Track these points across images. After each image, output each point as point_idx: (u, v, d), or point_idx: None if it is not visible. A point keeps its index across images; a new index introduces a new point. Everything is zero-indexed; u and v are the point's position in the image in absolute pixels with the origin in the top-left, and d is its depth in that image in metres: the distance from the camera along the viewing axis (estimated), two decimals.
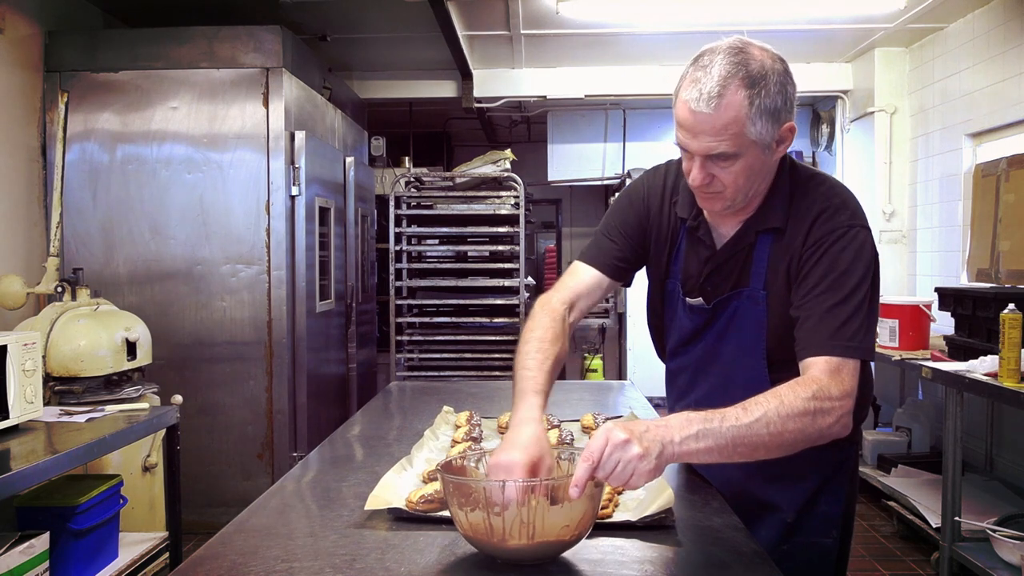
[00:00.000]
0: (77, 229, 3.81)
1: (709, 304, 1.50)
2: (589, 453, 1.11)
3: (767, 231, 1.44)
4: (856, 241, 1.37)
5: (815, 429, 1.23)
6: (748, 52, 1.30)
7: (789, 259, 1.41)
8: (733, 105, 1.27)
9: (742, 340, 1.48)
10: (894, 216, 5.17)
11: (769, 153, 1.35)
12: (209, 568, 1.14)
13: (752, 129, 1.29)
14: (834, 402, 1.24)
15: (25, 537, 2.26)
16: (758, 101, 1.28)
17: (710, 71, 1.28)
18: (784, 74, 1.32)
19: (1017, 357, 2.73)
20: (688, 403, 1.60)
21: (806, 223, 1.40)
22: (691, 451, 1.16)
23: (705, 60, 1.30)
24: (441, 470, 1.19)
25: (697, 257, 1.51)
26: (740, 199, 1.40)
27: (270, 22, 3.94)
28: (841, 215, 1.39)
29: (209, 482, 3.80)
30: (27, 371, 2.36)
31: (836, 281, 1.34)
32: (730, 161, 1.32)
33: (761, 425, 1.18)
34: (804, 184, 1.44)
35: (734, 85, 1.27)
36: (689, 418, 1.18)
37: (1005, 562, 2.89)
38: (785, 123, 1.33)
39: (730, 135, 1.29)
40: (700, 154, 1.33)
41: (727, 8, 4.39)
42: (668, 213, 1.55)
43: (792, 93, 1.33)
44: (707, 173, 1.34)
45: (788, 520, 1.52)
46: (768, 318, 1.44)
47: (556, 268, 8.32)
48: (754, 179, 1.38)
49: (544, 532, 1.10)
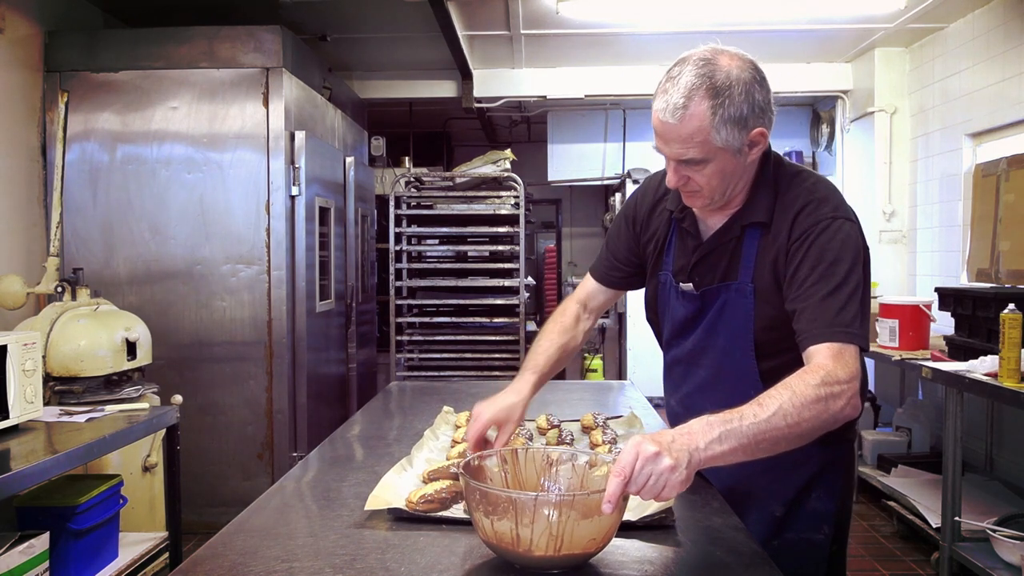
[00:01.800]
0: (77, 229, 3.81)
1: (699, 291, 1.54)
2: (620, 468, 1.10)
3: (753, 225, 1.48)
4: (841, 232, 1.40)
5: (829, 414, 1.24)
6: (716, 63, 1.34)
7: (775, 253, 1.45)
8: (696, 116, 1.33)
9: (732, 332, 1.51)
10: (894, 216, 5.17)
11: (741, 156, 1.40)
12: (209, 568, 1.14)
13: (717, 137, 1.35)
14: (843, 385, 1.26)
15: (25, 537, 2.26)
16: (721, 111, 1.33)
17: (677, 82, 1.34)
18: (751, 82, 1.35)
19: (1017, 357, 2.73)
20: (683, 394, 1.64)
21: (790, 217, 1.44)
22: (716, 454, 1.16)
23: (675, 71, 1.36)
24: (463, 473, 1.17)
25: (685, 247, 1.58)
26: (718, 198, 1.46)
27: (270, 22, 3.94)
28: (824, 208, 1.42)
29: (209, 482, 3.80)
30: (27, 371, 2.36)
31: (826, 271, 1.37)
32: (701, 165, 1.39)
33: (779, 418, 1.20)
34: (788, 180, 1.48)
35: (698, 96, 1.32)
36: (710, 422, 1.18)
37: (1005, 562, 2.89)
38: (754, 128, 1.37)
39: (696, 143, 1.35)
40: (672, 159, 1.41)
41: (727, 8, 4.39)
42: (660, 212, 1.64)
43: (762, 98, 1.37)
44: (681, 175, 1.42)
45: (776, 515, 1.54)
46: (756, 311, 1.47)
47: (556, 268, 8.32)
48: (729, 180, 1.43)
49: (572, 545, 1.09)
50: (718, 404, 1.23)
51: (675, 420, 1.62)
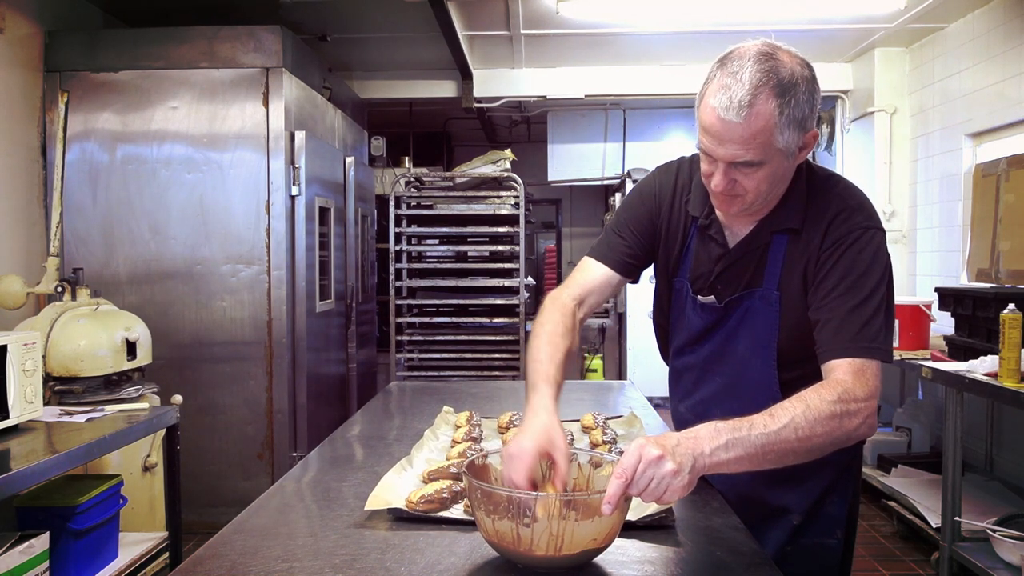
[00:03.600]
0: (77, 229, 3.81)
1: (721, 303, 1.48)
2: (623, 470, 1.09)
3: (783, 231, 1.42)
4: (873, 243, 1.36)
5: (843, 432, 1.22)
6: (778, 58, 1.26)
7: (806, 260, 1.40)
8: (763, 115, 1.24)
9: (753, 340, 1.46)
10: (894, 216, 5.17)
11: (792, 160, 1.34)
12: (209, 568, 1.14)
13: (780, 138, 1.27)
14: (860, 403, 1.23)
15: (25, 537, 2.26)
16: (788, 111, 1.25)
17: (740, 78, 1.24)
18: (812, 80, 1.29)
19: (1017, 357, 2.73)
20: (694, 402, 1.59)
21: (823, 224, 1.39)
22: (722, 461, 1.14)
23: (735, 66, 1.26)
24: (467, 473, 1.17)
25: (708, 255, 1.49)
26: (760, 203, 1.39)
27: (270, 22, 3.94)
28: (858, 216, 1.38)
29: (209, 482, 3.80)
30: (27, 371, 2.36)
31: (855, 283, 1.33)
32: (755, 168, 1.30)
33: (789, 431, 1.17)
34: (821, 185, 1.43)
35: (765, 94, 1.24)
36: (718, 428, 1.16)
37: (1005, 562, 2.89)
38: (810, 130, 1.32)
39: (758, 144, 1.27)
40: (725, 161, 1.30)
41: (727, 8, 4.39)
42: (679, 210, 1.54)
43: (819, 99, 1.31)
44: (730, 179, 1.32)
45: (795, 522, 1.51)
46: (781, 319, 1.43)
47: (556, 268, 8.33)
48: (776, 184, 1.37)
49: (572, 545, 1.09)
50: (733, 413, 1.20)
51: (683, 427, 1.54)
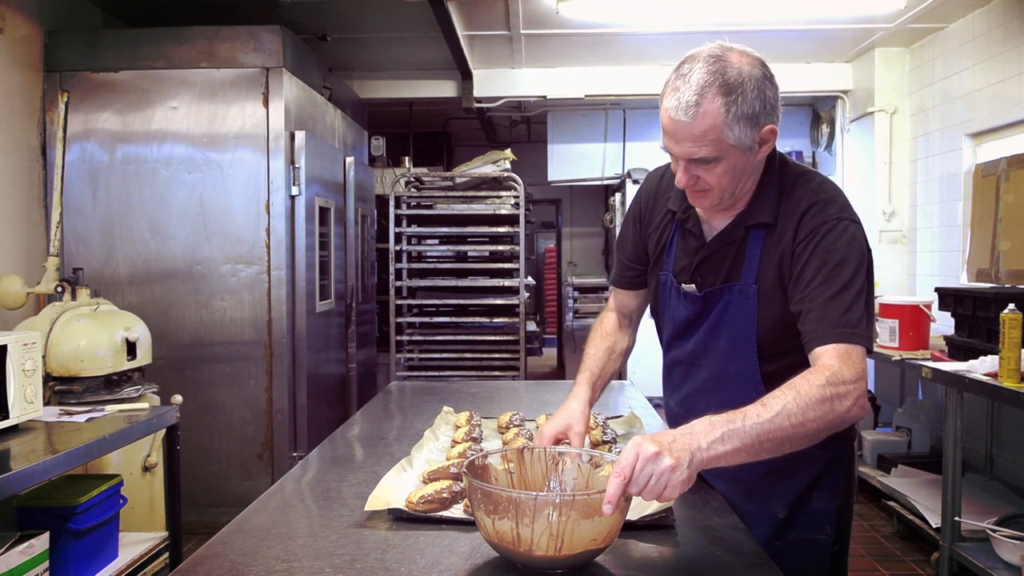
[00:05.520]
0: (77, 229, 3.81)
1: (701, 292, 1.53)
2: (621, 468, 1.10)
3: (758, 226, 1.47)
4: (847, 233, 1.39)
5: (835, 415, 1.24)
6: (726, 60, 1.33)
7: (780, 254, 1.44)
8: (710, 113, 1.32)
9: (734, 333, 1.50)
10: (894, 216, 5.17)
11: (752, 154, 1.39)
12: (209, 568, 1.14)
13: (730, 135, 1.33)
14: (849, 385, 1.25)
15: (25, 537, 2.26)
16: (735, 108, 1.32)
17: (688, 79, 1.32)
18: (762, 79, 1.35)
19: (1017, 357, 2.73)
20: (683, 396, 1.63)
21: (795, 217, 1.43)
22: (719, 454, 1.16)
23: (685, 68, 1.34)
24: (467, 473, 1.17)
25: (687, 248, 1.56)
26: (727, 197, 1.44)
27: (270, 22, 3.94)
28: (830, 209, 1.42)
29: (209, 482, 3.80)
30: (27, 371, 2.36)
31: (832, 272, 1.36)
32: (712, 164, 1.37)
33: (783, 418, 1.19)
34: (794, 180, 1.48)
35: (711, 94, 1.31)
36: (712, 422, 1.18)
37: (1005, 562, 2.89)
38: (765, 126, 1.37)
39: (709, 141, 1.34)
40: (683, 158, 1.38)
41: (727, 8, 4.40)
42: (663, 208, 1.62)
43: (772, 95, 1.36)
44: (691, 175, 1.40)
45: (779, 516, 1.53)
46: (760, 312, 1.47)
47: (556, 268, 8.33)
48: (739, 178, 1.42)
49: (572, 545, 1.09)
50: (719, 406, 1.22)
51: (675, 422, 1.61)
